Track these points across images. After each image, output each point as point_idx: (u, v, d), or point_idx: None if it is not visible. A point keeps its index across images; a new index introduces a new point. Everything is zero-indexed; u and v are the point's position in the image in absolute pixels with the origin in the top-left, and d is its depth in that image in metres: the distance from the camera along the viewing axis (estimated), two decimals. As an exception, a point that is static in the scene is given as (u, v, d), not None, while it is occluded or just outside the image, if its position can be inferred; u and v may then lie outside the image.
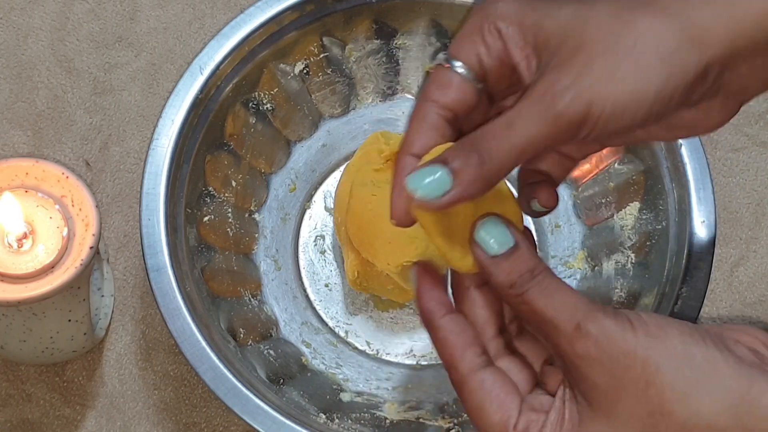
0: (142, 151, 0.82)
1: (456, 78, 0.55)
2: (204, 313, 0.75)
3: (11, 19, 0.88)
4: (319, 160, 0.85)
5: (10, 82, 0.86)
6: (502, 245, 0.53)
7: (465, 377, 0.54)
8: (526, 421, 0.53)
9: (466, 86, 0.55)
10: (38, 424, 0.79)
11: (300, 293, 0.82)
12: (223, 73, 0.79)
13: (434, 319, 0.55)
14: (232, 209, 0.81)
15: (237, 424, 0.80)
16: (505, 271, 0.53)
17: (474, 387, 0.54)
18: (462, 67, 0.55)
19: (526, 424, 0.53)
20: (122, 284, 0.82)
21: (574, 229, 0.83)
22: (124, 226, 0.84)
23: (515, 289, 0.53)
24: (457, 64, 0.55)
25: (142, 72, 0.87)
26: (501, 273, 0.53)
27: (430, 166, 0.52)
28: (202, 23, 0.88)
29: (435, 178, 0.52)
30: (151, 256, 0.74)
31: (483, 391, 0.54)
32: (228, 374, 0.72)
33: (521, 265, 0.53)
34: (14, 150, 0.85)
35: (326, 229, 0.84)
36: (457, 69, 0.55)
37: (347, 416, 0.76)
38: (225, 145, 0.81)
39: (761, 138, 0.88)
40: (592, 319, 0.52)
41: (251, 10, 0.79)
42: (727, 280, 0.85)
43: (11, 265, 0.71)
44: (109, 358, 0.81)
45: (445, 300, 0.56)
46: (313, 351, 0.80)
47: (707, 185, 0.77)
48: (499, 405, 0.54)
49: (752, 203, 0.86)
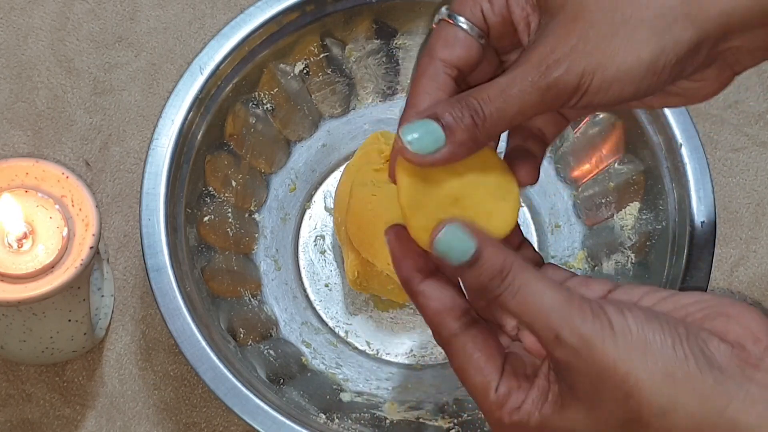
0: (142, 151, 0.82)
1: (461, 34, 0.56)
2: (204, 313, 0.75)
3: (11, 19, 0.88)
4: (319, 160, 0.85)
5: (10, 82, 0.86)
6: (464, 254, 0.52)
7: (447, 340, 0.54)
8: (507, 386, 0.53)
9: (471, 43, 0.56)
10: (38, 424, 0.79)
11: (300, 293, 0.82)
12: (223, 73, 0.79)
13: (412, 285, 0.55)
14: (232, 209, 0.81)
15: (237, 424, 0.80)
16: (472, 277, 0.52)
17: (456, 350, 0.54)
18: (466, 23, 0.56)
19: (507, 389, 0.53)
20: (122, 284, 0.82)
21: (574, 229, 0.83)
22: (124, 226, 0.84)
23: (488, 293, 0.52)
24: (461, 20, 0.56)
25: (142, 72, 0.87)
26: (469, 280, 0.52)
27: (425, 120, 0.53)
28: (202, 23, 0.88)
29: (429, 132, 0.52)
30: (151, 256, 0.74)
31: (465, 355, 0.54)
32: (228, 374, 0.72)
33: (488, 270, 0.52)
34: (14, 150, 0.85)
35: (326, 229, 0.84)
36: (462, 25, 0.56)
37: (347, 416, 0.76)
38: (225, 145, 0.81)
39: (761, 138, 0.88)
40: (570, 329, 0.50)
41: (251, 10, 0.79)
42: (727, 280, 0.85)
43: (11, 265, 0.71)
44: (109, 358, 0.81)
45: (422, 265, 0.55)
46: (313, 351, 0.80)
47: (707, 185, 0.77)
48: (479, 368, 0.53)
49: (752, 203, 0.86)
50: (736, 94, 0.88)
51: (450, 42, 0.56)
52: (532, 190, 0.84)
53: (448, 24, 0.56)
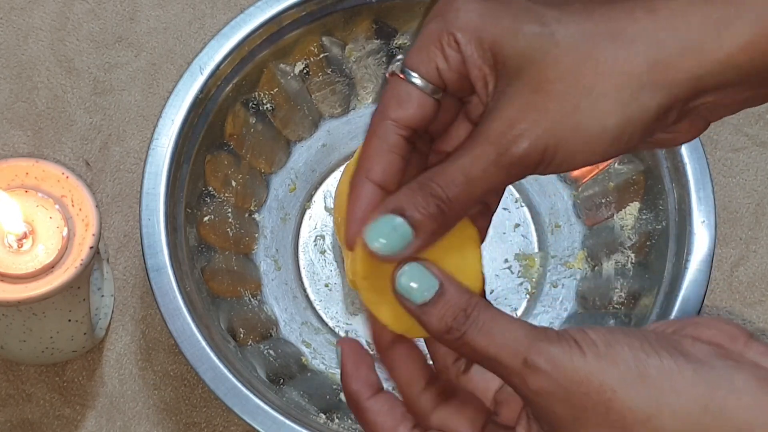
0: (142, 151, 0.82)
1: (414, 92, 0.52)
2: (204, 313, 0.75)
3: (11, 19, 0.88)
4: (319, 160, 0.85)
5: (10, 82, 0.86)
6: (428, 290, 0.50)
7: None
8: None
9: (425, 101, 0.52)
10: (38, 424, 0.79)
11: (300, 293, 0.82)
12: (223, 73, 0.79)
13: (360, 400, 0.53)
14: (232, 209, 0.81)
15: (237, 424, 0.80)
16: (436, 317, 0.50)
17: None
18: (420, 79, 0.52)
19: None
20: (122, 284, 0.82)
21: (574, 229, 0.83)
22: (124, 226, 0.84)
23: (452, 333, 0.50)
24: (415, 76, 0.52)
25: (142, 72, 0.87)
26: (433, 320, 0.50)
27: (387, 217, 0.50)
28: (202, 23, 0.88)
29: (395, 230, 0.50)
30: (151, 256, 0.74)
31: None
32: (228, 374, 0.72)
33: (452, 307, 0.50)
34: (14, 150, 0.85)
35: (326, 229, 0.84)
36: (415, 81, 0.52)
37: (347, 416, 0.76)
38: (225, 145, 0.81)
39: (761, 138, 0.88)
40: (537, 351, 0.48)
41: (251, 10, 0.79)
42: (727, 280, 0.85)
43: (11, 265, 0.71)
44: (109, 358, 0.81)
45: (372, 380, 0.54)
46: (313, 351, 0.80)
47: (707, 185, 0.77)
48: None
49: (752, 203, 0.86)
50: (736, 94, 0.88)
51: (403, 100, 0.52)
52: (532, 190, 0.84)
53: (400, 80, 0.52)
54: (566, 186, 0.84)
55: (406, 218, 0.50)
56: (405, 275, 0.50)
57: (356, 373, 0.54)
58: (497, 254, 0.83)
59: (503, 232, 0.83)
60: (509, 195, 0.84)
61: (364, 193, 0.53)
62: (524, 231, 0.84)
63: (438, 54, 0.52)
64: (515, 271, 0.83)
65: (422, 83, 0.52)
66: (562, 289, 0.82)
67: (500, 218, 0.84)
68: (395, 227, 0.50)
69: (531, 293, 0.82)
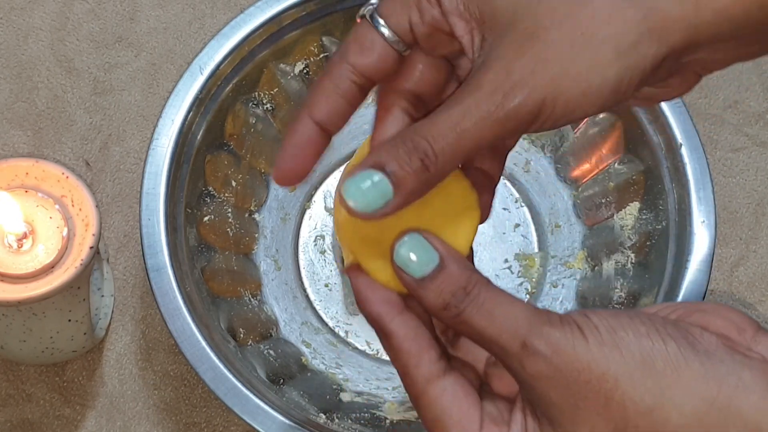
0: (142, 151, 0.82)
1: (379, 41, 0.50)
2: (204, 313, 0.75)
3: (11, 19, 0.88)
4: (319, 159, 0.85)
5: (10, 82, 0.86)
6: (427, 264, 0.48)
7: (422, 389, 0.49)
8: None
9: (388, 52, 0.50)
10: (38, 424, 0.79)
11: (300, 293, 0.82)
12: (223, 73, 0.79)
13: (384, 324, 0.50)
14: (232, 209, 0.81)
15: (237, 424, 0.80)
16: (434, 292, 0.48)
17: (432, 398, 0.49)
18: (387, 29, 0.50)
19: None
20: (122, 284, 0.82)
21: (574, 229, 0.83)
22: (124, 226, 0.84)
23: (450, 310, 0.48)
24: (383, 24, 0.50)
25: (142, 72, 0.87)
26: (431, 295, 0.48)
27: (365, 172, 0.47)
28: (202, 23, 0.88)
29: (374, 186, 0.47)
30: (151, 256, 0.74)
31: (442, 403, 0.49)
32: (228, 374, 0.72)
33: (452, 283, 0.48)
34: (14, 150, 0.85)
35: (326, 229, 0.84)
36: (383, 30, 0.50)
37: (347, 416, 0.76)
38: (225, 145, 0.81)
39: (761, 138, 0.88)
40: (538, 335, 0.47)
41: (251, 10, 0.79)
42: (727, 280, 0.85)
43: (11, 265, 0.71)
44: (109, 358, 0.81)
45: (392, 298, 0.50)
46: (313, 351, 0.80)
47: (707, 185, 0.77)
48: (459, 419, 0.48)
49: (752, 203, 0.86)
50: (736, 94, 0.88)
51: (365, 47, 0.50)
52: (532, 190, 0.84)
53: (368, 25, 0.50)
54: (566, 186, 0.84)
55: (386, 174, 0.47)
56: (404, 246, 0.49)
57: (373, 295, 0.50)
58: (497, 254, 0.83)
59: (503, 232, 0.83)
60: (509, 195, 0.84)
61: (301, 129, 0.51)
62: (524, 231, 0.84)
63: (412, 6, 0.50)
64: (515, 271, 0.83)
65: (389, 34, 0.50)
66: (562, 289, 0.82)
67: (500, 218, 0.84)
68: (375, 184, 0.47)
69: (531, 293, 0.82)
